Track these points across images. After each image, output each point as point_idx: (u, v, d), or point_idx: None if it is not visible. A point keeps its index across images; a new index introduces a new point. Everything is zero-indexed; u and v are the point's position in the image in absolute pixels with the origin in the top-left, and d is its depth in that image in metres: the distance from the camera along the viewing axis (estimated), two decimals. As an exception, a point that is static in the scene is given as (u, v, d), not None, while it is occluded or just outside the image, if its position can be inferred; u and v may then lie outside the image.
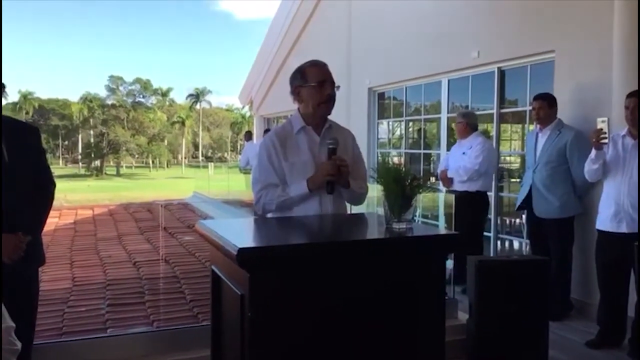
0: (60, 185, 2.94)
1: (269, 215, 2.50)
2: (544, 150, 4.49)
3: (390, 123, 8.41)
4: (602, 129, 3.63)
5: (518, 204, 4.73)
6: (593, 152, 3.76)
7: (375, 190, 2.51)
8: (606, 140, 3.66)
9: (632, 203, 3.61)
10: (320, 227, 2.33)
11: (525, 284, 3.33)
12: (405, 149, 7.97)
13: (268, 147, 2.48)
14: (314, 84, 2.47)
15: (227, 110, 77.78)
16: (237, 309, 1.73)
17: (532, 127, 5.13)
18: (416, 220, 6.19)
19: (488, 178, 5.40)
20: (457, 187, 5.30)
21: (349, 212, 2.71)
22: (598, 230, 3.88)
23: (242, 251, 1.64)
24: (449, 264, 4.85)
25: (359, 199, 2.64)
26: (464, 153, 5.34)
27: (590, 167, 3.83)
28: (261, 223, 2.39)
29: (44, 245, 2.75)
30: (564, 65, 4.80)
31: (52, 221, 7.71)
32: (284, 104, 10.62)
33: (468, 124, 5.45)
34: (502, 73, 5.76)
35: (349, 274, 1.79)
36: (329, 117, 2.62)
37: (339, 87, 2.54)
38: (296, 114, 2.58)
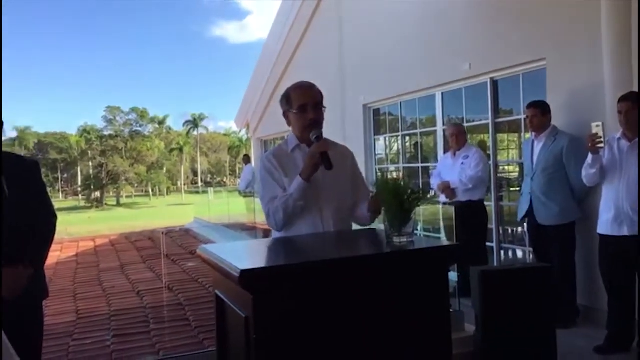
0: (61, 219, 2.94)
1: (278, 231, 2.49)
2: (541, 157, 4.51)
3: (387, 138, 8.45)
4: (597, 134, 3.65)
5: (521, 214, 4.72)
6: (590, 156, 3.78)
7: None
8: (602, 145, 3.68)
9: (632, 205, 3.62)
10: (321, 245, 2.33)
11: (530, 292, 3.31)
12: (403, 163, 8.00)
13: (267, 166, 2.50)
14: (295, 110, 2.48)
15: (224, 134, 78.07)
16: (242, 331, 1.72)
17: (528, 135, 5.16)
18: (418, 234, 6.19)
19: (486, 185, 5.52)
20: (461, 197, 5.34)
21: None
22: (599, 235, 3.88)
23: (245, 273, 1.64)
24: (453, 276, 4.85)
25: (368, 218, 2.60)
26: (462, 163, 5.39)
27: (587, 172, 3.85)
28: (263, 244, 2.40)
29: (47, 280, 2.75)
30: (555, 73, 4.85)
31: (54, 254, 7.71)
32: (281, 126, 10.64)
33: (465, 133, 5.54)
34: (494, 83, 5.80)
35: (352, 291, 1.78)
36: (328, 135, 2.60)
37: (325, 107, 2.53)
38: (291, 134, 2.61)
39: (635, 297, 3.73)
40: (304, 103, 2.46)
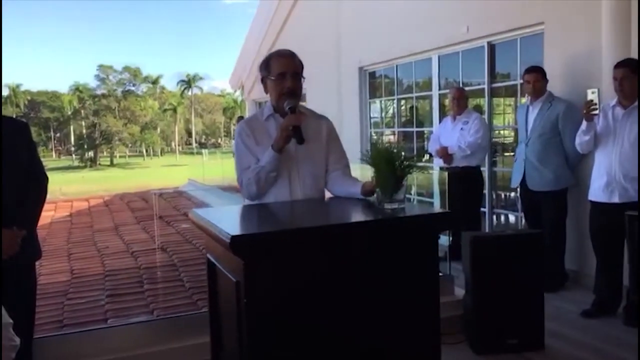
0: (55, 178, 2.95)
1: (252, 201, 2.49)
2: (536, 123, 4.49)
3: (383, 102, 8.39)
4: (592, 100, 3.64)
5: (516, 181, 4.68)
6: (584, 123, 3.77)
7: (359, 171, 2.51)
8: (597, 112, 3.67)
9: (624, 173, 3.64)
10: (313, 211, 2.34)
11: (520, 258, 3.36)
12: (398, 127, 7.97)
13: (241, 134, 2.51)
14: (274, 77, 2.44)
15: (219, 95, 77.30)
16: (233, 295, 1.75)
17: (523, 100, 5.13)
18: (412, 199, 6.22)
19: (485, 152, 5.50)
20: (459, 162, 5.34)
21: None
22: (590, 201, 3.91)
23: (235, 238, 1.65)
24: (445, 240, 4.91)
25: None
26: (462, 129, 5.36)
27: (581, 139, 3.84)
28: (253, 209, 2.40)
29: (41, 239, 2.76)
30: (553, 37, 4.79)
31: (48, 214, 7.71)
32: (275, 87, 10.52)
33: (466, 97, 5.49)
34: (492, 47, 5.74)
35: (342, 256, 1.80)
36: (311, 103, 2.57)
37: (304, 78, 2.49)
38: (268, 102, 2.59)
39: (622, 263, 3.79)
40: (283, 71, 2.42)
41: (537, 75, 4.48)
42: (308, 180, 2.46)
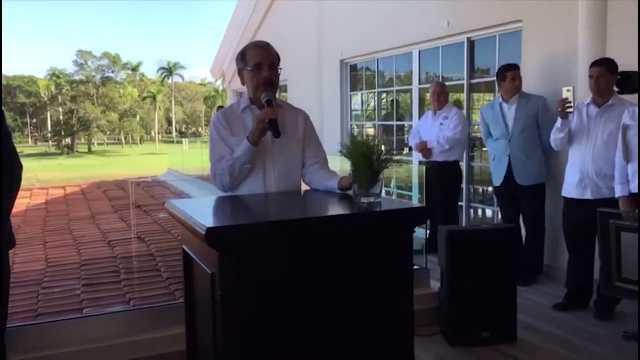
0: (31, 165, 2.92)
1: (224, 192, 2.49)
2: (518, 119, 4.53)
3: (364, 95, 8.41)
4: (567, 98, 3.70)
5: (499, 178, 4.66)
6: (559, 120, 3.84)
7: (339, 163, 2.52)
8: (571, 109, 3.73)
9: (597, 170, 3.71)
10: (289, 204, 2.35)
11: (495, 252, 3.42)
12: (378, 120, 8.00)
13: (216, 124, 2.51)
14: (250, 67, 2.45)
15: (200, 84, 76.54)
16: (208, 287, 1.75)
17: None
18: (391, 193, 6.25)
19: (464, 147, 5.56)
20: (437, 157, 5.38)
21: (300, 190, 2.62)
22: (564, 197, 3.98)
23: (210, 230, 1.65)
24: (423, 233, 4.96)
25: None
26: (441, 123, 5.40)
27: (556, 136, 3.91)
28: (230, 201, 2.40)
29: (15, 227, 2.72)
30: (531, 35, 4.85)
31: (23, 202, 7.60)
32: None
33: (446, 93, 5.54)
34: (471, 43, 5.78)
35: (317, 249, 1.82)
36: (289, 97, 2.58)
37: (280, 69, 2.50)
38: (245, 93, 2.59)
39: (593, 258, 3.87)
40: (259, 62, 2.43)
41: (518, 72, 4.55)
42: (283, 174, 2.47)
